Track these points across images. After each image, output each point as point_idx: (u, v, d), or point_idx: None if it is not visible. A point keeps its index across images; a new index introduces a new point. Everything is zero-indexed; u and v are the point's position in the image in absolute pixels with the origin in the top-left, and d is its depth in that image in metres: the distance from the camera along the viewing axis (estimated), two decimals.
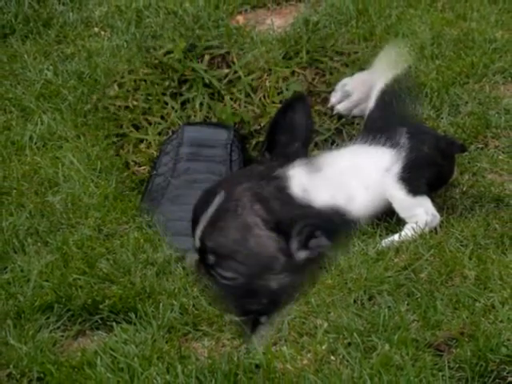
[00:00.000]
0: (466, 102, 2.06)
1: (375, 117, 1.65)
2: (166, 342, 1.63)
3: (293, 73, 2.02)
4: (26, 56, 2.18)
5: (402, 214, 1.87)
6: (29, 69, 2.16)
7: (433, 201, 1.88)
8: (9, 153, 2.00)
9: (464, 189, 1.93)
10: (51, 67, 2.16)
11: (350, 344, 1.62)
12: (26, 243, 1.80)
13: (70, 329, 1.68)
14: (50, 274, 1.73)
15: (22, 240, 1.81)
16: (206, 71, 2.00)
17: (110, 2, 2.30)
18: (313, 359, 1.62)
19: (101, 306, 1.68)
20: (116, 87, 1.99)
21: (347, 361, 1.60)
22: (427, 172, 1.88)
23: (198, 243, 1.44)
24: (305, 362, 1.64)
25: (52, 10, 2.32)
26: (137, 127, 1.99)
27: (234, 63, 2.02)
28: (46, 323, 1.67)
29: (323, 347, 1.64)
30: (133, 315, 1.66)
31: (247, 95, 2.00)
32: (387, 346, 1.60)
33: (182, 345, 1.64)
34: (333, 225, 1.37)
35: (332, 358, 1.63)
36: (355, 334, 1.62)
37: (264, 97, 2.00)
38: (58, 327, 1.68)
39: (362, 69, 2.02)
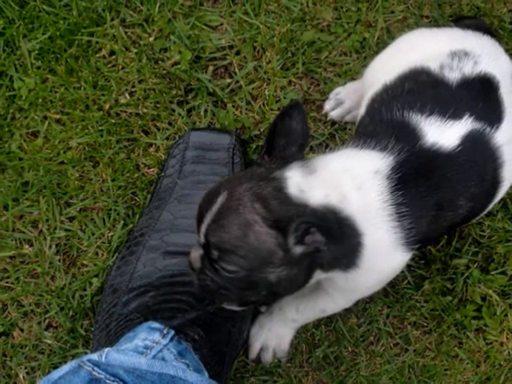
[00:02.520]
0: None
1: (366, 123, 1.66)
2: None
3: (290, 82, 2.02)
4: None
5: None
6: None
7: None
8: None
9: None
10: None
11: None
12: None
13: None
14: None
15: None
16: (210, 81, 2.00)
17: None
18: None
19: None
20: (127, 95, 2.01)
21: None
22: None
23: (202, 239, 1.46)
24: None
25: None
26: (146, 132, 2.00)
27: (235, 73, 2.03)
28: None
29: None
30: None
31: (248, 103, 2.01)
32: None
33: None
34: (326, 222, 1.39)
35: None
36: None
37: (263, 104, 2.01)
38: None
39: (353, 79, 2.03)
